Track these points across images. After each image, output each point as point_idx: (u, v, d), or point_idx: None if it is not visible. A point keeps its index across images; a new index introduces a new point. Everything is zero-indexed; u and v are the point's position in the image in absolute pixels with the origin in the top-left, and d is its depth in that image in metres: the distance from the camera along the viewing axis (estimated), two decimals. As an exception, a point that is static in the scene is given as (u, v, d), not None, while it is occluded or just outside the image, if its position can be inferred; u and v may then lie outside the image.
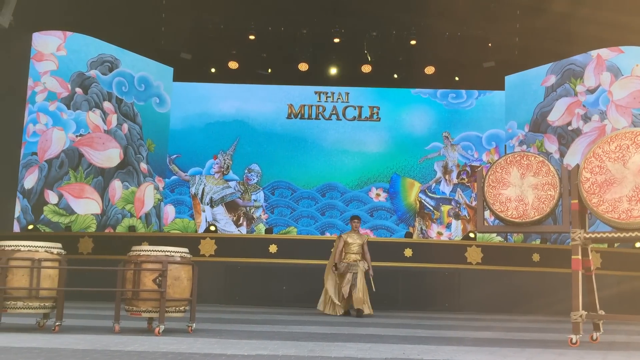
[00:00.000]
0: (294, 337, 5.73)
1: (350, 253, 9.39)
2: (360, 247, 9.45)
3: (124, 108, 14.61)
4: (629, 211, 5.40)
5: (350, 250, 9.41)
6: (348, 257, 9.38)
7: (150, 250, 5.79)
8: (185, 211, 15.73)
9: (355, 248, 9.41)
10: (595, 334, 5.90)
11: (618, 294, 10.75)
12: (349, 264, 9.26)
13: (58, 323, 5.65)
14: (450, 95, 16.25)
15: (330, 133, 16.24)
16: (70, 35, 13.82)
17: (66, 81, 13.64)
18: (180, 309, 5.89)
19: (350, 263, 9.27)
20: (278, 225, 15.66)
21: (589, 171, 5.65)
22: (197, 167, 15.99)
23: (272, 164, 16.04)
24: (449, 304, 11.30)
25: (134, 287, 5.69)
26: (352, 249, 9.41)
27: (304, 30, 14.95)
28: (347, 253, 9.40)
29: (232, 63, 15.70)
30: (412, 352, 4.83)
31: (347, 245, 9.43)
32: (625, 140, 5.53)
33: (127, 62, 14.83)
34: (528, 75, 15.10)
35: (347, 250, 9.41)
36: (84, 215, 13.44)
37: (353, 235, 9.56)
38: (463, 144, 16.00)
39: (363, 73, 15.84)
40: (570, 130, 13.95)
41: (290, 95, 16.40)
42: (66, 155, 13.40)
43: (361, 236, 9.64)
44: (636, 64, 13.34)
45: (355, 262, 9.26)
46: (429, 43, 15.05)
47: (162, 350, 4.53)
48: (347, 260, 9.34)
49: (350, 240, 9.47)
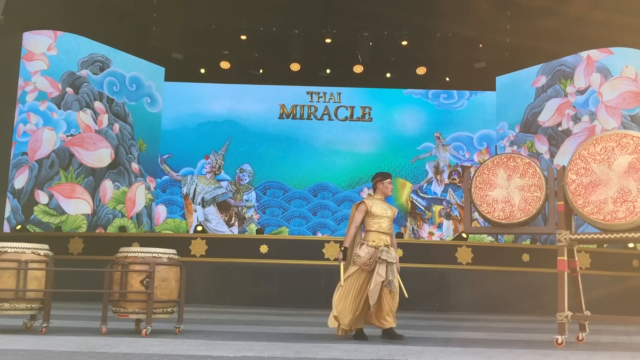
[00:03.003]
0: (281, 338, 5.75)
1: (380, 232, 5.83)
2: (391, 225, 5.98)
3: (115, 108, 14.57)
4: (613, 213, 5.44)
5: (378, 226, 5.84)
6: (374, 238, 5.81)
7: (137, 252, 5.79)
8: (176, 211, 15.70)
9: (385, 224, 5.87)
10: (581, 335, 5.95)
11: (607, 295, 10.80)
12: (378, 249, 5.74)
13: (45, 324, 5.65)
14: (441, 96, 16.29)
15: (322, 133, 16.25)
16: (61, 35, 13.77)
17: (57, 81, 13.59)
18: (168, 310, 5.89)
19: (380, 248, 5.75)
20: (270, 225, 15.66)
21: (575, 173, 5.69)
22: (189, 167, 15.96)
23: (264, 164, 16.04)
24: (440, 304, 11.33)
25: (121, 289, 5.69)
26: (382, 226, 5.85)
27: (295, 31, 14.95)
28: (373, 232, 5.83)
29: (224, 63, 15.68)
30: (397, 353, 4.85)
31: (373, 219, 5.85)
32: (611, 142, 5.57)
33: (118, 61, 14.79)
34: (519, 76, 15.16)
35: (372, 227, 5.84)
36: (74, 216, 13.40)
37: (381, 203, 5.99)
38: (454, 144, 16.04)
39: (355, 73, 15.85)
40: (561, 131, 14.01)
41: (282, 95, 16.40)
42: (57, 155, 13.36)
43: (390, 207, 6.06)
44: (626, 65, 13.42)
45: (388, 247, 5.79)
46: (421, 44, 15.07)
47: (148, 352, 4.53)
48: (373, 243, 5.79)
49: (377, 211, 5.87)
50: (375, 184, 6.10)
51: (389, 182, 6.09)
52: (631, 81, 13.31)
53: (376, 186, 6.09)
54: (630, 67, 13.38)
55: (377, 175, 6.16)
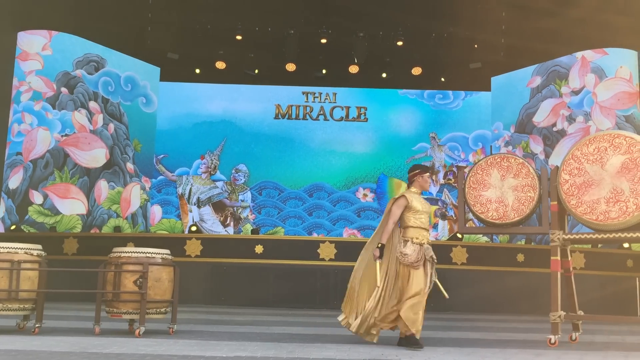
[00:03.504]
0: (275, 338, 5.74)
1: (421, 228, 5.49)
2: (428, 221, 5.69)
3: (110, 108, 14.54)
4: (606, 213, 5.46)
5: (420, 222, 5.49)
6: (417, 234, 5.44)
7: (130, 252, 5.78)
8: (172, 211, 15.68)
9: (426, 220, 5.56)
10: (575, 334, 5.96)
11: (601, 294, 10.84)
12: (423, 246, 5.44)
13: (38, 325, 5.63)
14: (437, 96, 16.31)
15: (317, 133, 16.25)
16: (56, 35, 13.73)
17: (51, 81, 13.55)
18: (161, 310, 5.89)
19: (425, 245, 5.47)
20: (265, 225, 15.64)
21: (568, 173, 5.70)
22: (184, 167, 15.93)
23: (260, 164, 16.02)
24: (434, 304, 11.23)
25: (114, 289, 5.68)
26: (423, 222, 5.52)
27: (291, 31, 14.93)
28: (414, 228, 5.46)
29: (220, 63, 15.66)
30: (391, 353, 4.85)
31: (414, 214, 5.47)
32: (604, 142, 5.59)
33: (113, 61, 14.76)
34: (514, 76, 15.19)
35: (414, 223, 5.46)
36: (69, 216, 13.36)
37: (419, 198, 5.64)
38: (450, 145, 16.06)
39: (350, 74, 15.85)
40: (555, 132, 14.04)
41: (278, 95, 16.39)
42: (51, 155, 13.32)
43: (426, 202, 5.77)
44: (620, 66, 13.46)
45: (429, 246, 5.55)
46: (416, 44, 15.08)
47: (140, 352, 4.53)
48: (417, 240, 5.42)
49: (418, 206, 5.50)
50: (413, 178, 5.66)
51: (428, 175, 5.79)
52: (625, 82, 13.36)
53: (414, 180, 5.65)
54: (624, 67, 13.42)
55: (416, 168, 5.73)
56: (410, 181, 5.71)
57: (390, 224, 5.44)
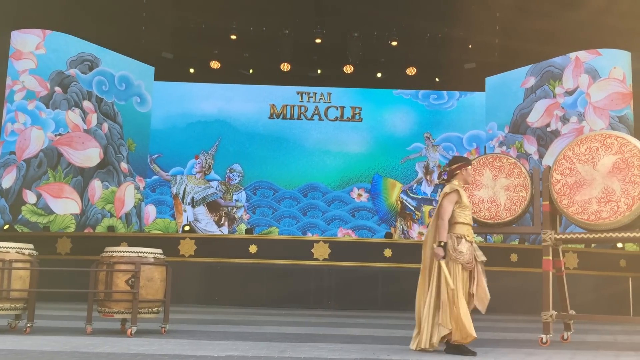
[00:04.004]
0: (267, 337, 5.74)
1: (469, 225, 5.12)
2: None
3: (104, 107, 14.51)
4: (598, 212, 5.47)
5: (467, 218, 5.11)
6: (467, 232, 5.06)
7: (123, 251, 5.77)
8: (166, 211, 15.65)
9: (470, 216, 5.18)
10: (566, 334, 5.98)
11: (594, 294, 10.88)
12: (473, 245, 5.09)
13: (29, 324, 5.62)
14: (431, 96, 16.34)
15: (312, 133, 16.25)
16: (50, 34, 13.70)
17: (45, 80, 13.52)
18: (154, 310, 5.87)
19: (474, 244, 5.12)
20: (260, 225, 15.64)
21: (560, 173, 5.72)
22: (179, 166, 15.91)
23: (254, 164, 16.02)
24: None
25: (106, 288, 5.67)
26: (470, 218, 5.15)
27: (286, 31, 14.94)
28: (464, 224, 5.06)
29: (214, 63, 15.65)
30: (382, 352, 4.86)
31: (463, 209, 5.08)
32: (595, 142, 5.61)
33: (107, 61, 14.73)
34: (508, 76, 15.23)
35: (464, 219, 5.07)
36: (62, 215, 13.33)
37: (465, 193, 5.19)
38: (444, 145, 16.09)
39: (345, 74, 15.88)
40: (549, 132, 14.08)
41: (273, 95, 16.38)
42: (45, 154, 13.28)
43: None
44: (614, 67, 13.51)
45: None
46: (411, 44, 15.11)
47: (131, 352, 4.52)
48: (469, 237, 5.06)
49: (466, 201, 5.13)
50: (456, 170, 5.16)
51: (472, 168, 5.46)
52: (619, 82, 13.40)
53: (456, 173, 5.16)
54: (618, 68, 13.47)
55: (459, 160, 5.27)
56: (452, 174, 5.19)
57: (446, 220, 4.98)
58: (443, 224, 4.96)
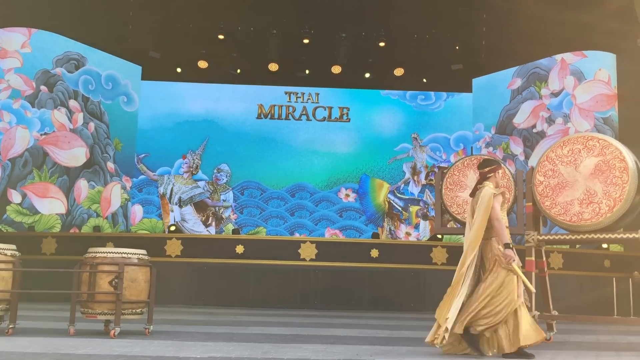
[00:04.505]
0: (251, 338, 5.74)
1: (507, 228, 5.09)
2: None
3: (90, 106, 14.42)
4: (580, 214, 5.53)
5: (506, 222, 5.15)
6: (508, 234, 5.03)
7: (106, 252, 5.74)
8: (153, 211, 15.59)
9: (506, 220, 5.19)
10: (549, 334, 6.02)
11: (579, 294, 10.97)
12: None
13: (11, 326, 5.57)
14: (419, 97, 16.39)
15: (300, 133, 16.25)
16: (36, 32, 13.59)
17: (31, 79, 13.41)
18: (137, 311, 5.85)
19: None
20: (247, 225, 15.61)
21: (543, 174, 5.77)
22: (166, 166, 15.85)
23: (242, 164, 15.99)
24: (415, 304, 11.39)
25: (89, 289, 5.64)
26: (506, 221, 5.15)
27: (273, 31, 14.92)
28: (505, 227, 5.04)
29: (202, 62, 15.60)
30: (365, 352, 4.87)
31: (504, 213, 5.11)
32: (577, 144, 5.66)
33: (94, 60, 14.64)
34: (495, 78, 15.31)
35: (505, 222, 5.09)
36: (48, 215, 13.23)
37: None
38: (431, 145, 16.15)
39: (333, 74, 15.88)
40: (535, 133, 14.18)
41: (260, 95, 16.36)
42: (30, 154, 13.18)
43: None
44: (599, 68, 13.62)
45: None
46: (398, 45, 15.15)
47: (114, 353, 4.50)
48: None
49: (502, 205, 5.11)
50: (490, 173, 5.08)
51: (502, 172, 5.26)
52: (604, 84, 13.51)
53: (490, 176, 5.08)
54: (603, 70, 13.58)
55: (492, 163, 5.19)
56: (485, 177, 5.09)
57: (502, 221, 4.92)
58: (502, 225, 4.90)
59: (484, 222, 4.89)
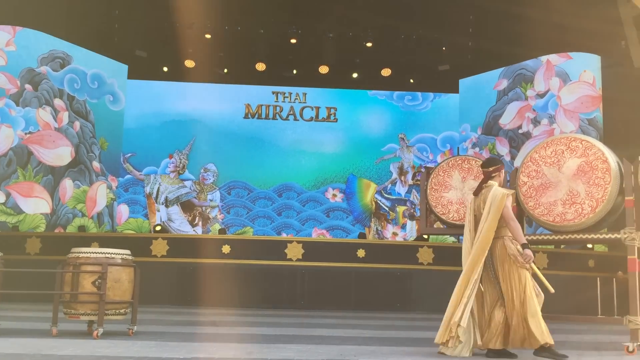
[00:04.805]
0: (236, 339, 5.72)
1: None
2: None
3: (75, 105, 14.32)
4: (563, 214, 5.56)
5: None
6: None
7: (89, 252, 5.70)
8: (139, 211, 15.50)
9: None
10: (532, 334, 6.04)
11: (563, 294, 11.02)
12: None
13: (-7, 326, 5.52)
14: (406, 98, 16.44)
15: (287, 133, 16.24)
16: (20, 30, 13.46)
17: (15, 77, 13.28)
18: (121, 311, 5.81)
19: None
20: (234, 225, 15.57)
21: (526, 175, 5.80)
22: (152, 166, 15.77)
23: (229, 164, 15.94)
24: (401, 304, 11.42)
25: (72, 290, 5.59)
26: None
27: (261, 30, 14.91)
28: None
29: (189, 62, 15.54)
30: (349, 353, 4.87)
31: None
32: (561, 145, 5.69)
33: (79, 58, 14.53)
34: (481, 79, 15.39)
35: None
36: (32, 215, 13.11)
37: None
38: (418, 146, 16.21)
39: (320, 74, 15.89)
40: (521, 134, 14.27)
41: (248, 95, 16.33)
42: (14, 153, 13.05)
43: None
44: (584, 70, 13.73)
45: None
46: (385, 45, 15.19)
47: (96, 354, 4.47)
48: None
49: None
50: (495, 173, 5.11)
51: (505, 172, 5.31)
52: (589, 86, 13.63)
53: (494, 175, 5.10)
54: (588, 71, 13.69)
55: (496, 162, 5.20)
56: (490, 176, 5.11)
57: (516, 220, 4.96)
58: (517, 225, 4.93)
59: (495, 222, 4.88)
